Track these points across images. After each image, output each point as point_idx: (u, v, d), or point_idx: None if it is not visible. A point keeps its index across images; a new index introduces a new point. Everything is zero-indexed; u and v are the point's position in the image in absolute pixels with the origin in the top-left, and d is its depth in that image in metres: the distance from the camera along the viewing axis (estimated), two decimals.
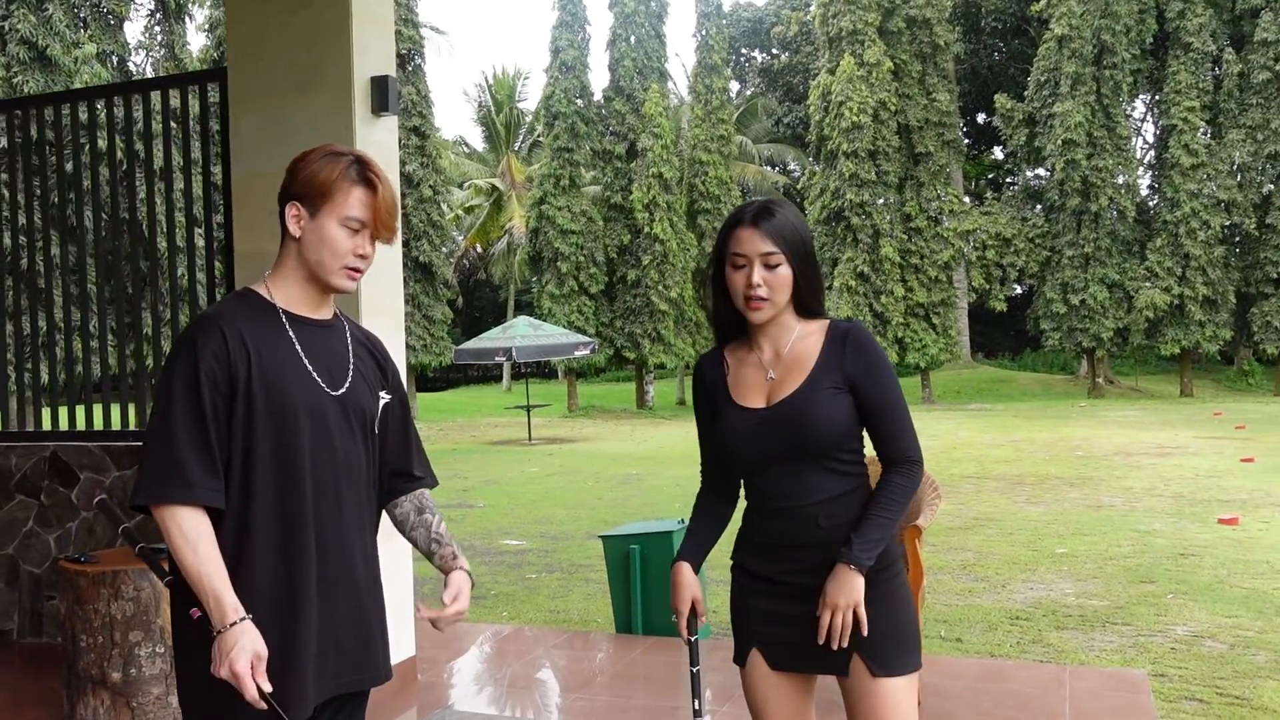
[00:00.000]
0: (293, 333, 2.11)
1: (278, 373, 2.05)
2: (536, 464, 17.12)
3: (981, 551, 8.60)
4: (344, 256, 2.09)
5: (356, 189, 2.09)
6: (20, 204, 5.87)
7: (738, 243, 2.26)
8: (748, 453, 2.30)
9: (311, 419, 2.06)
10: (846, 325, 2.32)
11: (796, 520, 2.27)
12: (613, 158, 30.92)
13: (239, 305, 2.11)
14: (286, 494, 2.03)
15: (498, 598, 7.51)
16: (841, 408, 2.25)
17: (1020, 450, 16.43)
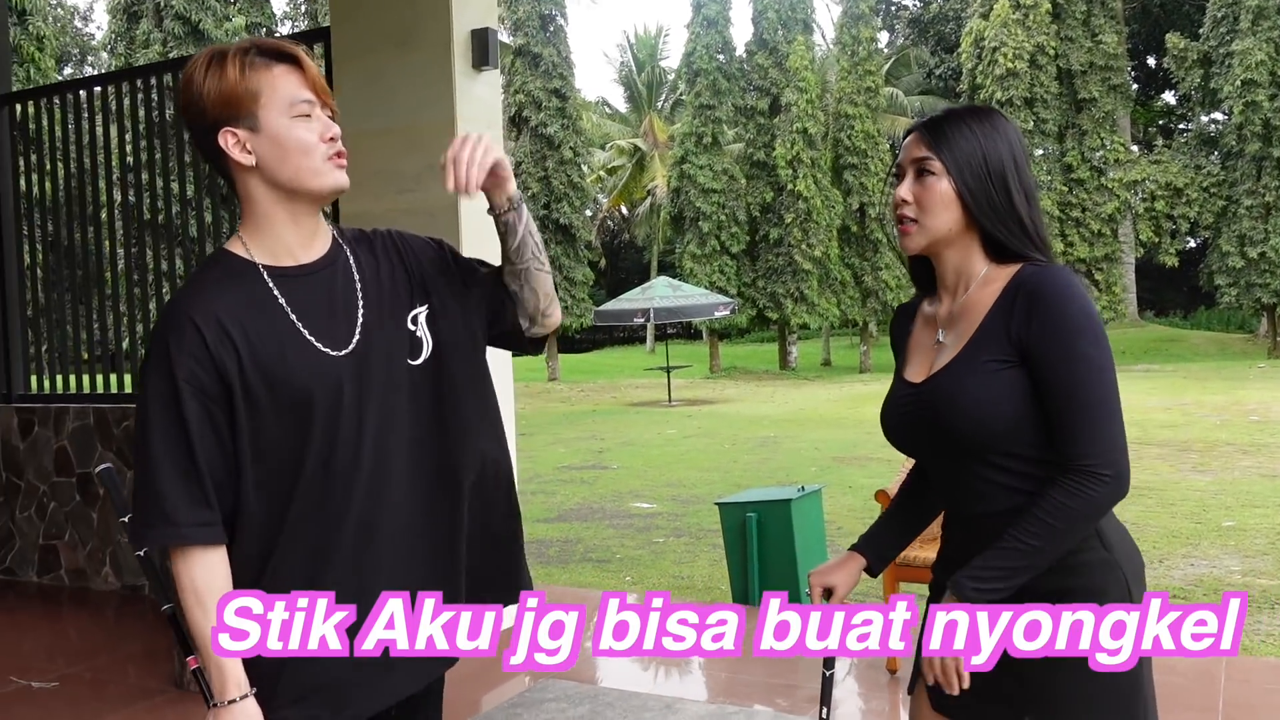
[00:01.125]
0: (279, 294, 1.69)
1: (276, 354, 1.66)
2: (674, 426, 17.03)
3: (1138, 523, 8.03)
4: (317, 148, 1.67)
5: (276, 69, 1.65)
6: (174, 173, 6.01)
7: (901, 153, 1.78)
8: (897, 440, 1.82)
9: (326, 395, 1.67)
10: (1033, 270, 1.68)
11: (977, 531, 1.72)
12: (755, 114, 30.34)
13: (213, 277, 1.69)
14: (317, 492, 1.68)
15: (622, 562, 7.42)
16: (1000, 390, 1.65)
17: (1188, 414, 15.42)
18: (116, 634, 5.19)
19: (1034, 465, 1.67)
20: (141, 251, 6.23)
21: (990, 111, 1.78)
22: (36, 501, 6.16)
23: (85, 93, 6.15)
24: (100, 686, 4.41)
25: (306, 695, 1.71)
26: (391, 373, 1.74)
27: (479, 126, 4.60)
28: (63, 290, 6.46)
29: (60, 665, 4.67)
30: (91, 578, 5.97)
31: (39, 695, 4.29)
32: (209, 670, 1.64)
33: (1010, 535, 1.64)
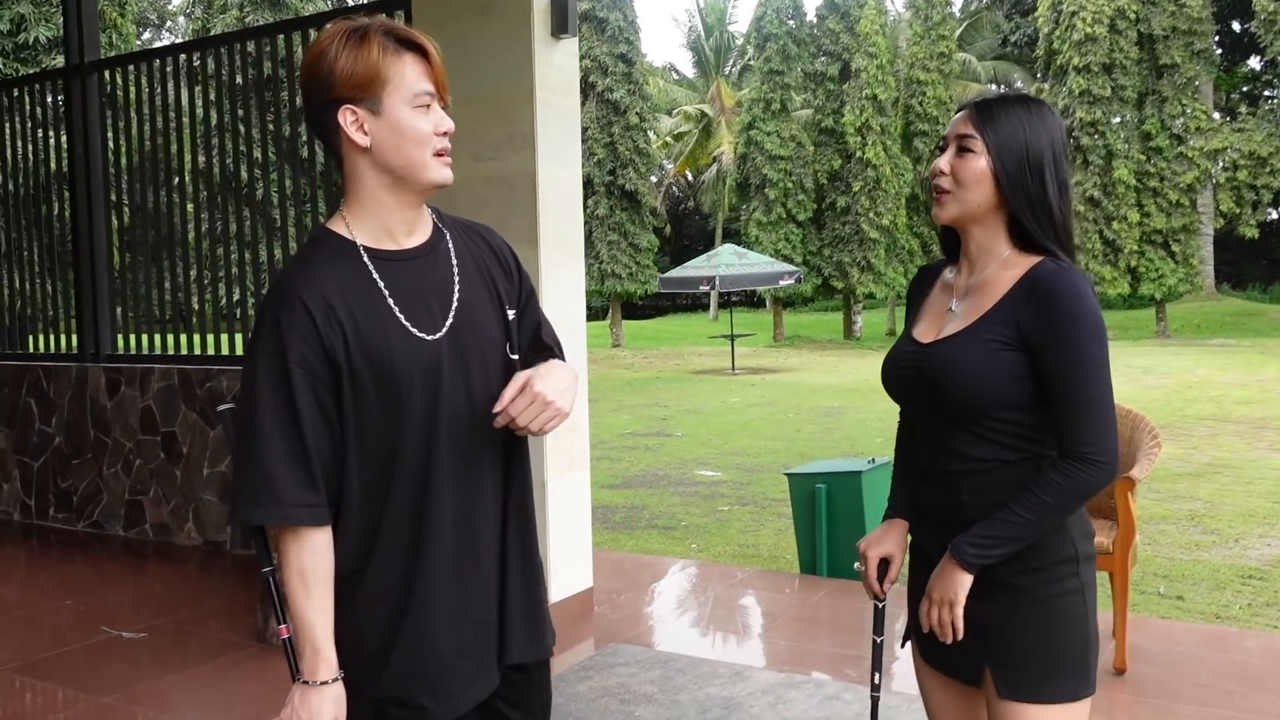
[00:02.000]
0: (378, 276, 1.70)
1: (380, 337, 1.68)
2: (738, 394, 17.01)
3: (1213, 501, 7.88)
4: (431, 141, 1.68)
5: (407, 56, 1.66)
6: (255, 137, 6.12)
7: (949, 128, 1.89)
8: (891, 389, 1.97)
9: (424, 381, 1.69)
10: (1049, 268, 1.79)
11: (941, 488, 1.90)
12: (825, 80, 29.91)
13: (320, 257, 1.71)
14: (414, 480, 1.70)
15: (688, 529, 7.47)
16: (1000, 368, 1.78)
17: (1266, 391, 15.02)
18: (199, 588, 5.35)
19: (1009, 437, 1.82)
20: (222, 216, 6.36)
21: (1040, 103, 1.88)
22: (123, 458, 6.37)
23: (172, 60, 6.28)
24: (184, 639, 4.56)
25: (411, 681, 1.73)
26: (487, 354, 1.76)
27: (557, 94, 4.61)
28: (147, 253, 6.62)
29: (145, 617, 4.84)
30: (175, 533, 6.16)
31: (127, 645, 4.45)
32: (303, 650, 1.66)
33: (1009, 508, 1.78)
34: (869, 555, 2.03)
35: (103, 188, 6.55)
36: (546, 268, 4.57)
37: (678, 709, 3.76)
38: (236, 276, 6.22)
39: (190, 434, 6.06)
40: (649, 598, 5.30)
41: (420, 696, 1.73)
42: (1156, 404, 13.47)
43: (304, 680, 1.66)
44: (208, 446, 5.98)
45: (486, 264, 1.83)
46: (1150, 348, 24.34)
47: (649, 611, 5.06)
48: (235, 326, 6.33)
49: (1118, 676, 3.96)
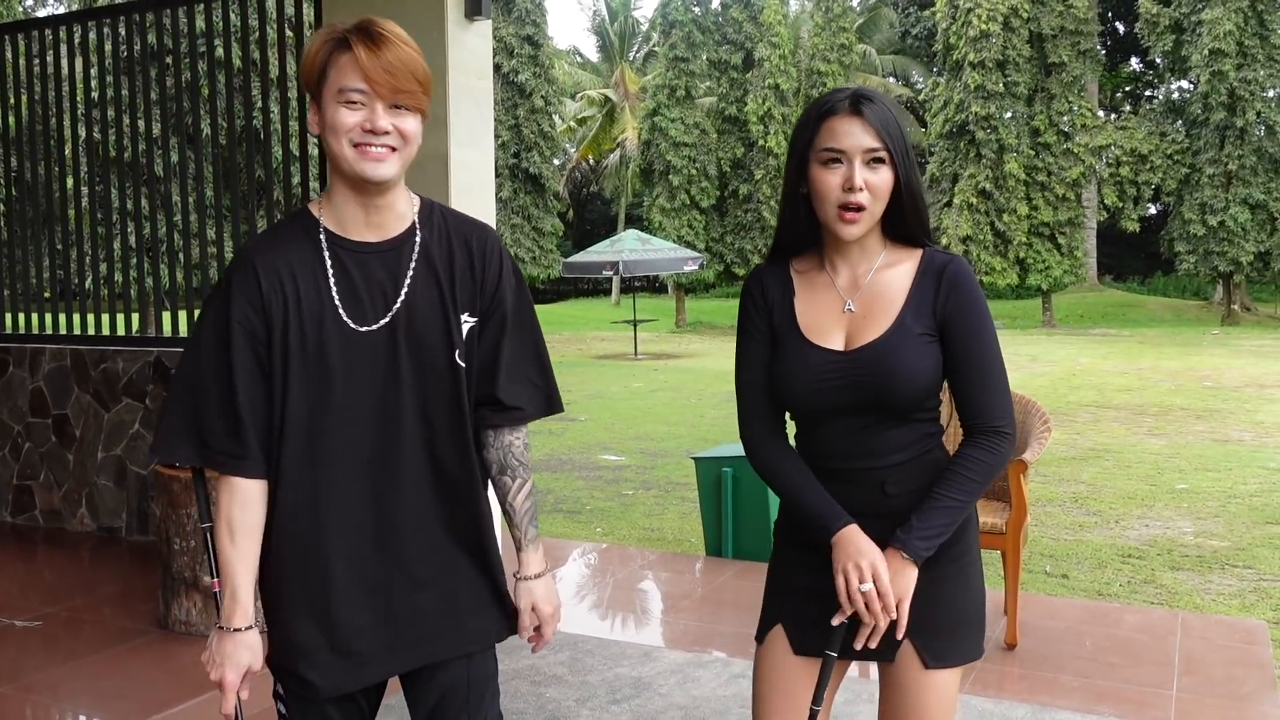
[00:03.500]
0: (329, 258, 1.80)
1: (316, 314, 1.77)
2: (641, 379, 17.12)
3: (1095, 484, 8.25)
4: (348, 133, 1.74)
5: (343, 57, 1.73)
6: (141, 110, 5.92)
7: (833, 135, 1.82)
8: (811, 402, 1.89)
9: (346, 366, 1.78)
10: (946, 258, 1.89)
11: (859, 485, 1.89)
12: (729, 68, 30.17)
13: (287, 232, 1.84)
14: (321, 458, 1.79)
15: (593, 513, 7.52)
16: (931, 360, 1.86)
17: (1144, 379, 15.73)
18: (93, 575, 5.21)
19: (926, 424, 1.92)
20: (118, 191, 6.16)
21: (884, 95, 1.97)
22: (11, 441, 6.14)
23: (65, 29, 6.04)
24: (78, 627, 4.43)
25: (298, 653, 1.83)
26: (424, 355, 1.83)
27: (470, 77, 4.59)
28: (38, 227, 6.37)
29: (37, 605, 4.68)
30: (67, 519, 5.97)
31: (20, 634, 4.31)
32: (224, 595, 1.78)
33: (940, 495, 1.84)
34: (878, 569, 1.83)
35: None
36: None
37: (587, 689, 3.81)
38: (131, 253, 6.04)
39: (83, 416, 5.87)
40: (556, 581, 5.33)
41: (305, 670, 1.82)
42: (1043, 391, 13.99)
43: (220, 625, 1.79)
44: (102, 429, 5.80)
45: (452, 269, 1.87)
46: (1037, 337, 25.24)
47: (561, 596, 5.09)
48: (131, 306, 6.14)
49: (1009, 651, 4.15)
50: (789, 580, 2.00)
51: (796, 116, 26.93)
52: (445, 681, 1.91)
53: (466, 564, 1.90)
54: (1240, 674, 3.99)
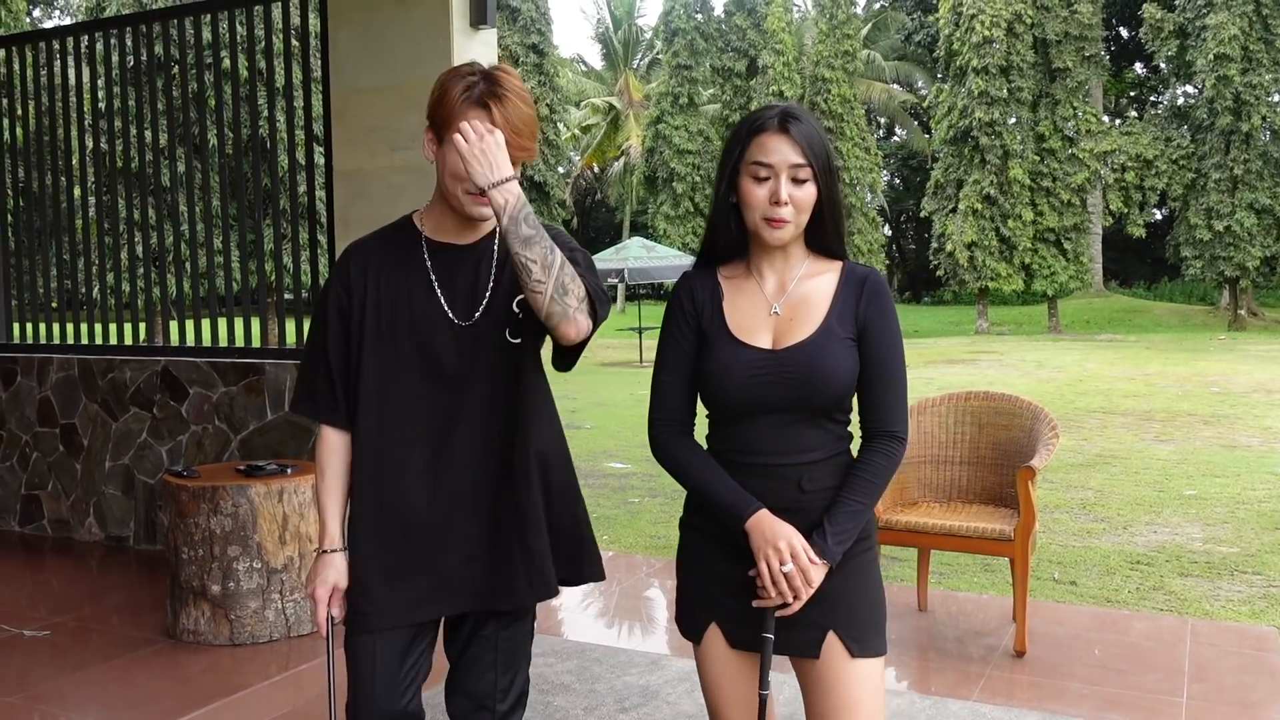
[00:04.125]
0: (430, 260, 2.13)
1: (393, 303, 2.11)
2: (646, 386, 17.00)
3: (1103, 490, 8.23)
4: (465, 181, 2.01)
5: (474, 111, 1.98)
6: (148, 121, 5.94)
7: (762, 150, 1.95)
8: (741, 397, 1.99)
9: (425, 347, 2.10)
10: (865, 270, 2.05)
11: (777, 480, 1.99)
12: (732, 75, 30.23)
13: (387, 234, 2.20)
14: (390, 419, 2.11)
15: (599, 520, 7.51)
16: (852, 362, 1.99)
17: (1151, 384, 15.69)
18: (101, 585, 5.21)
19: (844, 423, 2.06)
20: (126, 202, 6.18)
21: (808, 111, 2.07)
22: (19, 451, 6.15)
23: (72, 39, 6.06)
24: (86, 636, 4.44)
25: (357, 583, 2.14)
26: (497, 345, 2.11)
27: None
28: (46, 237, 6.39)
29: (45, 614, 4.68)
30: (75, 528, 5.98)
31: (28, 643, 4.32)
32: (320, 524, 2.18)
33: (847, 498, 1.98)
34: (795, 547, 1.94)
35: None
36: None
37: (595, 698, 3.80)
38: (138, 263, 6.05)
39: (91, 426, 5.88)
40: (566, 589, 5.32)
41: (363, 602, 2.12)
42: (1049, 397, 13.97)
43: (316, 550, 2.26)
44: (110, 439, 5.81)
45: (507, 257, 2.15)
46: (1043, 342, 25.19)
47: (563, 602, 5.09)
48: (139, 315, 6.15)
49: (1018, 658, 4.13)
50: (710, 575, 2.08)
51: None
52: (480, 635, 2.17)
53: (511, 529, 2.13)
54: (1251, 681, 3.97)
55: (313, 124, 5.24)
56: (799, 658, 2.04)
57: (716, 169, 2.04)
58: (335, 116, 4.84)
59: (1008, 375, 17.04)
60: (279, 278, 5.64)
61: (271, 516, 4.13)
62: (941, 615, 4.78)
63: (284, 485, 4.18)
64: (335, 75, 4.81)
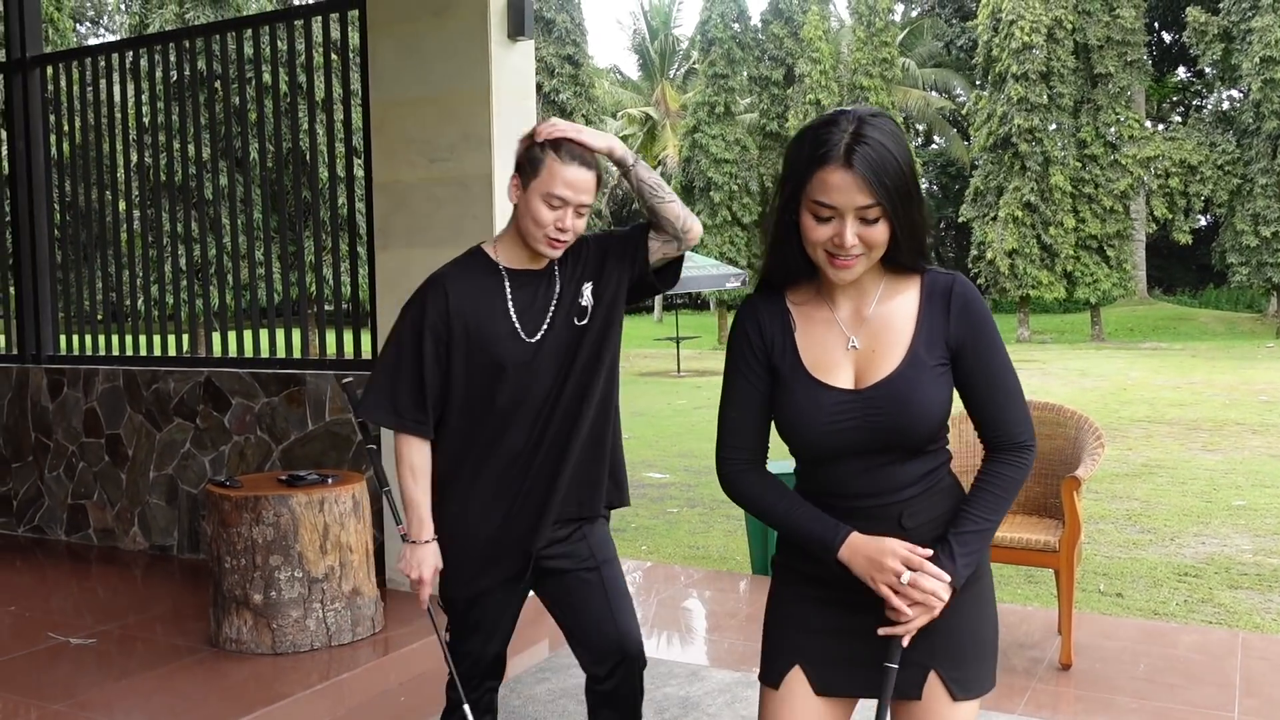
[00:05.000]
0: (509, 288, 2.49)
1: (480, 327, 2.46)
2: (684, 396, 17.09)
3: (1149, 501, 8.10)
4: (545, 227, 2.39)
5: (559, 168, 2.37)
6: (190, 135, 6.02)
7: (824, 189, 1.70)
8: (824, 443, 1.80)
9: (512, 365, 2.45)
10: (949, 279, 1.83)
11: (875, 520, 1.81)
12: (769, 84, 30.18)
13: (468, 264, 2.54)
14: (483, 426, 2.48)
15: (638, 530, 7.50)
16: (946, 391, 1.81)
17: (1198, 393, 15.44)
18: (146, 594, 5.27)
19: (941, 448, 1.88)
20: (169, 215, 6.26)
21: (888, 118, 1.78)
22: (65, 461, 6.24)
23: (118, 56, 6.17)
24: (131, 644, 4.49)
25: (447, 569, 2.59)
26: (564, 341, 2.49)
27: (513, 97, 4.61)
28: (91, 251, 6.49)
29: (91, 623, 4.74)
30: (120, 537, 6.06)
31: (74, 652, 4.37)
32: (410, 519, 2.53)
33: (974, 516, 1.81)
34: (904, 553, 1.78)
35: (44, 185, 6.41)
36: None
37: None
38: (181, 275, 6.13)
39: (136, 436, 5.96)
40: None
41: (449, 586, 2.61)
42: (1093, 406, 13.78)
43: (411, 540, 2.53)
44: (154, 449, 5.88)
45: (581, 266, 2.54)
46: (1086, 351, 24.88)
47: None
48: (182, 327, 6.23)
49: (1064, 671, 4.07)
50: (804, 619, 1.90)
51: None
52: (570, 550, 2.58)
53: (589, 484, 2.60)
54: None
55: (352, 136, 5.28)
56: (897, 699, 1.85)
57: (775, 185, 1.83)
58: (374, 129, 4.87)
59: (1050, 384, 16.84)
60: (319, 289, 5.71)
61: (313, 526, 4.15)
62: None
63: (325, 495, 4.20)
64: (375, 88, 4.85)
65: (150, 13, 24.94)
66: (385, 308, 4.90)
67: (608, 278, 2.55)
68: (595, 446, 2.57)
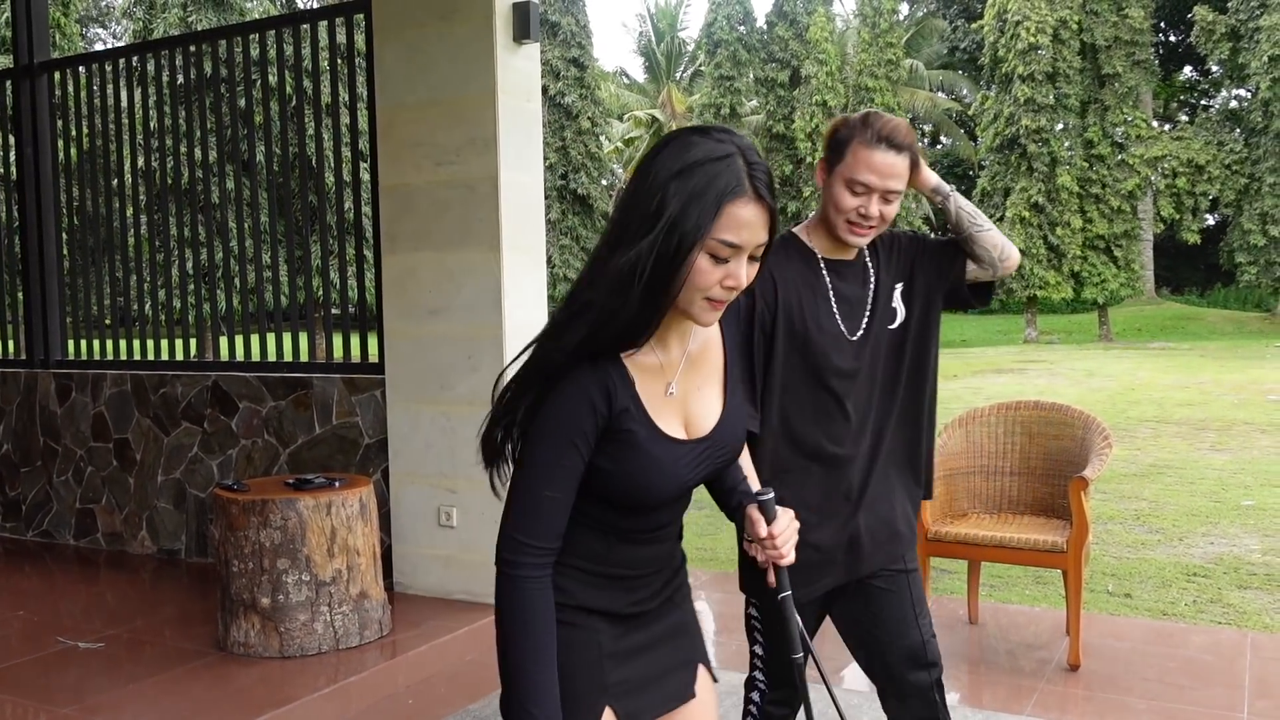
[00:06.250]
0: (829, 278, 2.38)
1: (801, 315, 2.34)
2: None
3: (1158, 501, 8.07)
4: (846, 213, 2.28)
5: (865, 152, 2.25)
6: (197, 139, 6.03)
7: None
8: (669, 493, 1.67)
9: (831, 358, 2.34)
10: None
11: (668, 542, 1.77)
12: (775, 86, 30.18)
13: (785, 251, 2.40)
14: (810, 420, 2.35)
15: None
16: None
17: (1206, 393, 15.38)
18: (154, 597, 5.28)
19: None
20: (176, 220, 6.28)
21: None
22: (74, 465, 6.26)
23: (125, 61, 6.19)
24: (140, 648, 4.49)
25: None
26: (882, 341, 2.41)
27: (519, 100, 4.62)
28: (99, 255, 6.51)
29: (99, 627, 4.76)
30: (128, 541, 6.07)
31: (82, 655, 4.38)
32: None
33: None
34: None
35: (52, 190, 6.43)
36: (509, 272, 4.58)
37: None
38: (189, 279, 6.15)
39: (143, 440, 5.98)
40: None
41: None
42: (1101, 406, 13.74)
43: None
44: (162, 453, 5.90)
45: (895, 265, 2.45)
46: (1093, 351, 24.81)
47: None
48: (189, 331, 6.25)
49: (1072, 672, 4.06)
50: (600, 655, 1.73)
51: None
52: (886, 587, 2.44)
53: (902, 490, 2.47)
54: None
55: (358, 140, 5.29)
56: (678, 706, 1.81)
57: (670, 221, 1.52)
58: (381, 133, 4.88)
59: (1058, 384, 16.80)
60: (326, 293, 5.72)
61: (320, 530, 4.16)
62: (992, 628, 4.71)
63: (332, 498, 4.21)
64: (381, 92, 4.86)
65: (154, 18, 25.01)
66: (391, 311, 4.92)
67: (917, 286, 2.46)
68: (881, 496, 2.45)
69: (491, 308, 4.60)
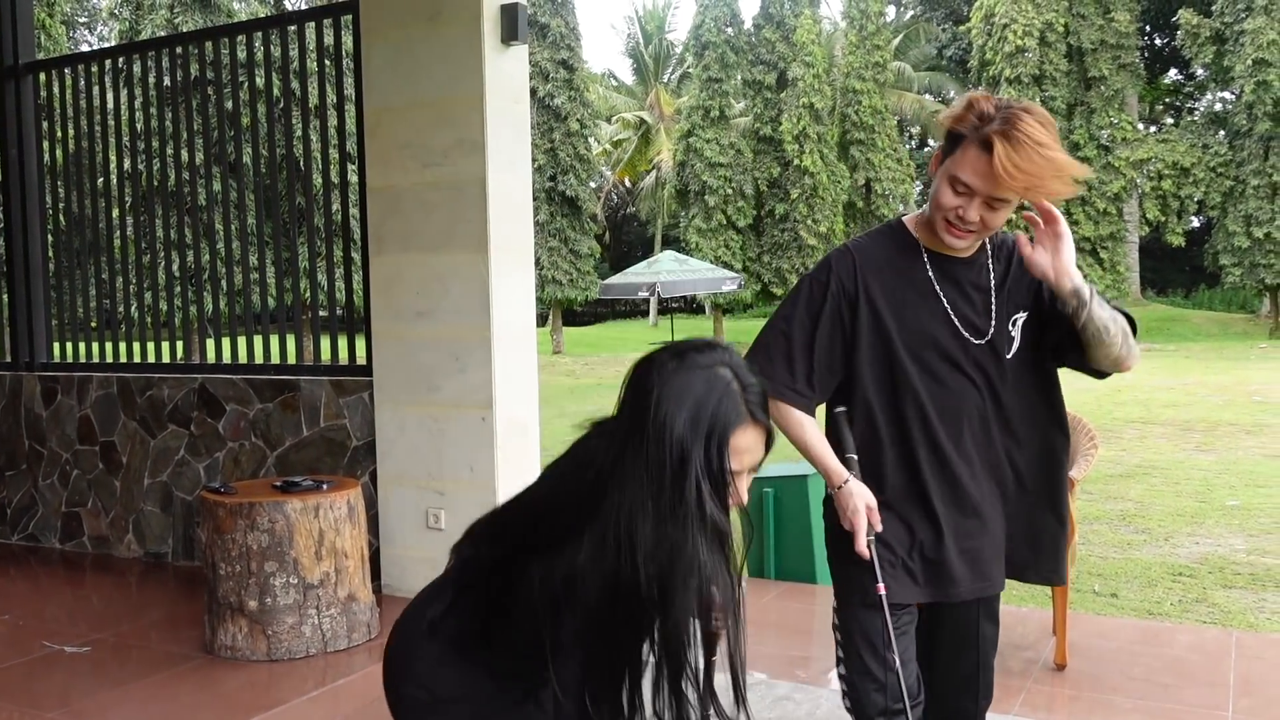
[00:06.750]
0: (932, 271, 2.21)
1: (895, 306, 2.19)
2: None
3: (1143, 502, 8.11)
4: (944, 211, 2.13)
5: (972, 150, 2.06)
6: (184, 141, 6.01)
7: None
8: None
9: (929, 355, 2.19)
10: None
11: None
12: (763, 88, 30.21)
13: (880, 238, 2.27)
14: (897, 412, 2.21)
15: None
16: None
17: (1191, 394, 15.47)
18: (140, 601, 5.26)
19: None
20: (162, 222, 6.25)
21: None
22: (59, 469, 6.23)
23: (110, 62, 6.16)
24: (126, 652, 4.48)
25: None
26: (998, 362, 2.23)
27: (507, 101, 4.62)
28: (85, 257, 6.48)
29: (85, 631, 4.73)
30: (114, 545, 6.04)
31: (69, 660, 4.36)
32: (826, 472, 2.24)
33: None
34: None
35: (38, 192, 6.40)
36: (496, 274, 4.58)
37: None
38: (175, 282, 6.12)
39: (130, 443, 5.95)
40: None
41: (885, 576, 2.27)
42: (1088, 407, 13.79)
43: (835, 488, 2.24)
44: (148, 456, 5.87)
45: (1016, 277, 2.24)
46: None
47: None
48: (176, 334, 6.22)
49: (1058, 672, 4.07)
50: None
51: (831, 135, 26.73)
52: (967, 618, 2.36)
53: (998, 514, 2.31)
54: None
55: (346, 142, 5.28)
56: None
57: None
58: (368, 134, 4.88)
59: None
60: (314, 295, 5.70)
61: (308, 532, 4.15)
62: None
63: (320, 501, 4.20)
64: (368, 93, 4.85)
65: (141, 19, 24.91)
66: (379, 313, 4.91)
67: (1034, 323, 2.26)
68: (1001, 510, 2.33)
69: (479, 310, 4.60)
